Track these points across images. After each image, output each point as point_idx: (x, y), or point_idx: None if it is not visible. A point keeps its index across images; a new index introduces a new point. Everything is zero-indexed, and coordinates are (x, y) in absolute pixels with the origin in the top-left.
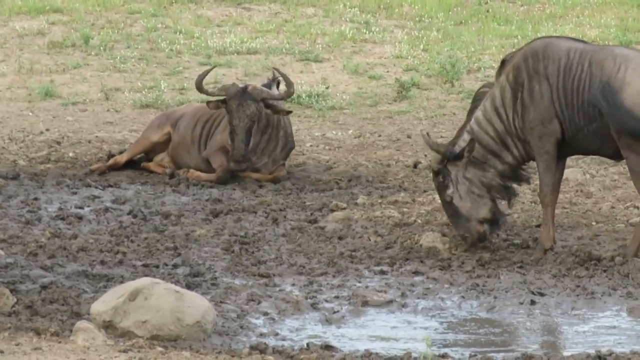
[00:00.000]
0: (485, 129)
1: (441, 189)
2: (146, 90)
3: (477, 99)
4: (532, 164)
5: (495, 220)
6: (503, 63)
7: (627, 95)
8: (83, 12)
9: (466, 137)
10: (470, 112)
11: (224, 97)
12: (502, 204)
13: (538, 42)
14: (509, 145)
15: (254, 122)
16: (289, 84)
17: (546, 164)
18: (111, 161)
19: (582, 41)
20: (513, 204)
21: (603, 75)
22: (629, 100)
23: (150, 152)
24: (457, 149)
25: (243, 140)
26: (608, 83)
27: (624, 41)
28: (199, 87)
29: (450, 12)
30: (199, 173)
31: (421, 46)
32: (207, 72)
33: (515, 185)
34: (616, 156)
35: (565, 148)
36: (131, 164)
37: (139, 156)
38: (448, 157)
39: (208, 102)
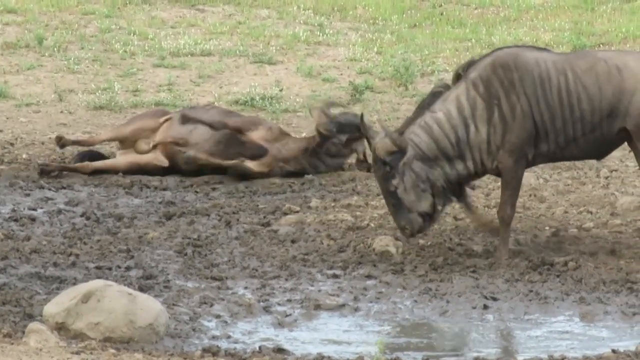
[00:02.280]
0: (446, 133)
1: (386, 178)
2: (100, 91)
3: (433, 94)
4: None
5: (433, 215)
6: (465, 69)
7: None
8: (37, 13)
9: (418, 131)
10: (423, 107)
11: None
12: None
13: (505, 53)
14: (466, 156)
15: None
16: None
17: (515, 188)
18: (87, 137)
19: (544, 49)
20: (443, 211)
21: (608, 83)
22: None
23: (133, 142)
24: (407, 141)
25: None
26: (621, 91)
27: (578, 45)
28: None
29: (404, 15)
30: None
31: (375, 49)
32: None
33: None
34: (602, 156)
35: (542, 159)
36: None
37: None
38: (403, 152)
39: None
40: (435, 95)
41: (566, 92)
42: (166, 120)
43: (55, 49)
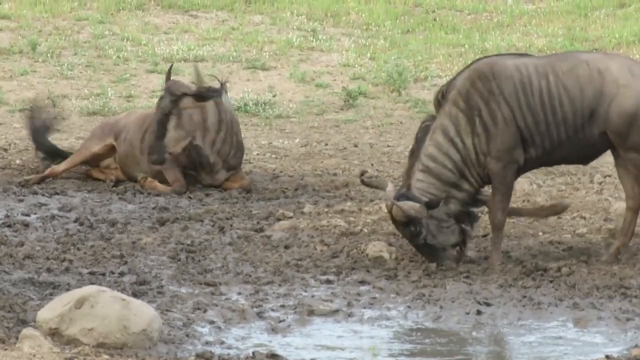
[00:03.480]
0: (442, 163)
1: (414, 236)
2: (93, 97)
3: (423, 129)
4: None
5: (465, 238)
6: (442, 94)
7: (626, 99)
8: (30, 19)
9: (421, 176)
10: (416, 151)
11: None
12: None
13: (481, 64)
14: (467, 174)
15: (167, 115)
16: (200, 79)
17: (505, 194)
18: (47, 171)
19: (525, 55)
20: (475, 227)
21: (589, 85)
22: (630, 103)
23: (90, 162)
24: (416, 191)
25: (154, 131)
26: (601, 93)
27: (571, 50)
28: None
29: (397, 21)
30: (156, 183)
31: (368, 54)
32: (170, 69)
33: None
34: (587, 160)
35: (532, 164)
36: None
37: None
38: (430, 207)
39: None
40: (425, 130)
41: (548, 95)
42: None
43: (48, 54)
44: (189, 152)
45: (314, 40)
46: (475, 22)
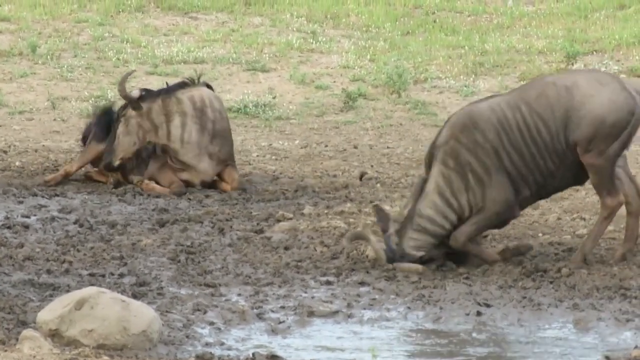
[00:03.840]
0: (440, 225)
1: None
2: (93, 99)
3: (419, 185)
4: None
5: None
6: (429, 155)
7: (594, 105)
8: (30, 21)
9: (416, 235)
10: (410, 210)
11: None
12: None
13: (459, 116)
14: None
15: (117, 121)
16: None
17: (481, 230)
18: (62, 171)
19: (495, 95)
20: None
21: (558, 104)
22: (598, 109)
23: (97, 162)
24: (410, 249)
25: (109, 139)
26: (571, 107)
27: (571, 52)
28: (124, 94)
29: (397, 22)
30: (153, 185)
31: (368, 56)
32: (129, 75)
33: None
34: (583, 181)
35: (528, 202)
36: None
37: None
38: (423, 263)
39: None
40: (419, 190)
41: (525, 126)
42: None
43: (48, 56)
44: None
45: (314, 42)
46: (475, 24)
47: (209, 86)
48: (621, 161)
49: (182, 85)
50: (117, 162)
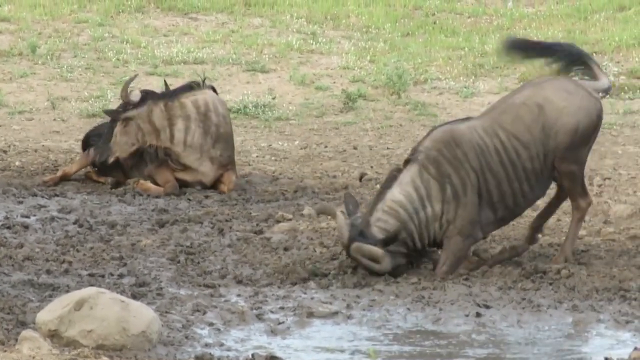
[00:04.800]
0: (410, 216)
1: (370, 269)
2: (93, 99)
3: (389, 178)
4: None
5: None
6: (410, 157)
7: (568, 117)
8: (30, 21)
9: (385, 217)
10: (382, 191)
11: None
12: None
13: (440, 132)
14: (424, 235)
15: (114, 120)
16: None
17: (454, 265)
18: (60, 172)
19: (467, 118)
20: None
21: (534, 124)
22: (572, 119)
23: None
24: (375, 229)
25: (106, 136)
26: (546, 123)
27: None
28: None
29: (397, 24)
30: (148, 184)
31: (368, 57)
32: (131, 80)
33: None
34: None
35: (492, 227)
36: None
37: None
38: (385, 244)
39: None
40: (391, 179)
41: (504, 152)
42: None
43: (48, 57)
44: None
45: (314, 42)
46: (475, 25)
47: (214, 89)
48: None
49: (188, 88)
50: (111, 160)
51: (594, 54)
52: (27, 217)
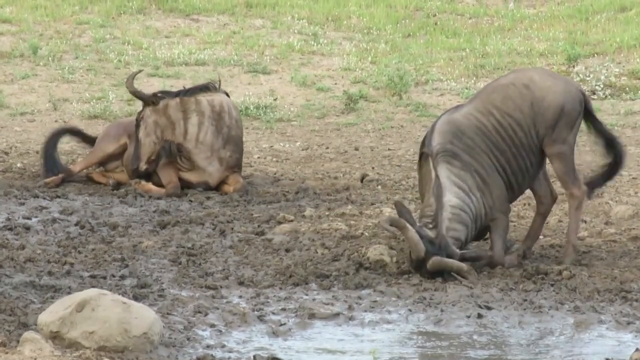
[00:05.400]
0: (468, 214)
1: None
2: (94, 101)
3: (423, 178)
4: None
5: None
6: (423, 158)
7: (554, 95)
8: (31, 23)
9: (453, 225)
10: (435, 196)
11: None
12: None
13: (445, 125)
14: (472, 228)
15: (137, 125)
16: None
17: (505, 239)
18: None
19: (459, 106)
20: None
21: (523, 102)
22: (558, 97)
23: (104, 164)
24: (450, 240)
25: (135, 144)
26: (534, 101)
27: (572, 54)
28: (133, 90)
29: (398, 25)
30: (150, 186)
31: (369, 58)
32: (136, 74)
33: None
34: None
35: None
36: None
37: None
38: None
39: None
40: (434, 187)
41: (502, 128)
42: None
43: (49, 58)
44: (161, 148)
45: (315, 44)
46: (476, 26)
47: (227, 95)
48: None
49: (204, 88)
50: (144, 166)
51: (595, 55)
52: (29, 218)
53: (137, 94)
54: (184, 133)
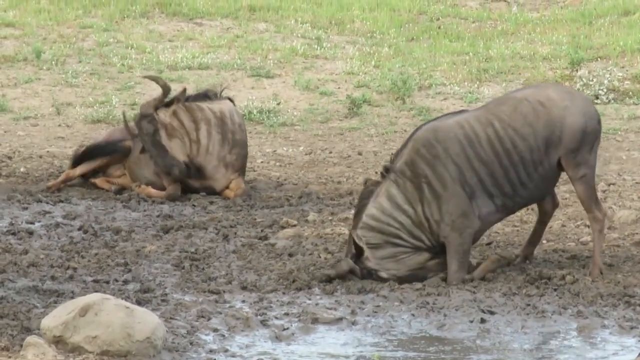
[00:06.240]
0: (386, 222)
1: (378, 277)
2: (98, 105)
3: (363, 198)
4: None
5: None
6: (391, 161)
7: (574, 117)
8: (35, 27)
9: (361, 233)
10: (357, 214)
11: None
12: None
13: (423, 131)
14: (422, 238)
15: (153, 133)
16: (162, 85)
17: (462, 262)
18: (63, 176)
19: (463, 111)
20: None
21: (537, 119)
22: (578, 119)
23: (104, 168)
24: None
25: (159, 154)
26: (550, 120)
27: (576, 58)
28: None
29: (401, 29)
30: (150, 189)
31: (372, 62)
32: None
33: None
34: (545, 197)
35: (497, 215)
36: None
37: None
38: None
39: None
40: (368, 194)
41: (498, 141)
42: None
43: (53, 62)
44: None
45: (319, 48)
46: (479, 30)
47: (230, 100)
48: None
49: (204, 97)
50: (179, 169)
51: (599, 59)
52: (32, 223)
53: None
54: (197, 143)
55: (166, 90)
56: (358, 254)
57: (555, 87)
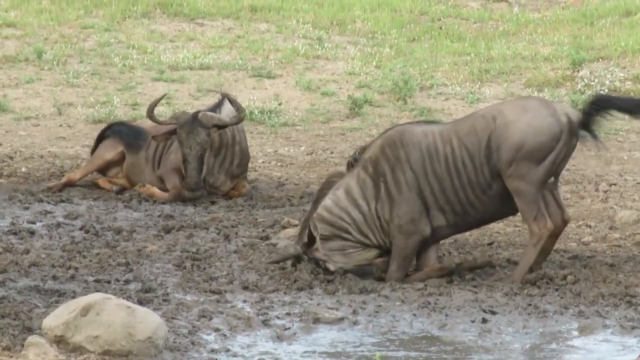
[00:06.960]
0: (338, 215)
1: (325, 268)
2: (99, 105)
3: (323, 188)
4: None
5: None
6: (358, 154)
7: (514, 130)
8: (36, 27)
9: (313, 224)
10: (316, 202)
11: (175, 125)
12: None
13: (393, 131)
14: (367, 233)
15: (205, 149)
16: (239, 109)
17: (402, 265)
18: (65, 179)
19: (434, 122)
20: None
21: (483, 134)
22: (517, 134)
23: (104, 171)
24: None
25: (196, 168)
26: (492, 135)
27: (577, 59)
28: (151, 116)
29: (403, 29)
30: (154, 190)
31: (374, 63)
32: (159, 100)
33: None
34: (516, 211)
35: (447, 231)
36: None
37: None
38: (304, 253)
39: (154, 137)
40: (329, 185)
41: (452, 160)
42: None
43: (54, 62)
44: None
45: (320, 48)
46: (481, 31)
47: (229, 99)
48: (551, 185)
49: (218, 105)
50: (205, 193)
51: (600, 60)
52: (33, 223)
53: (155, 121)
54: (213, 166)
55: (240, 118)
56: (309, 243)
57: (516, 102)
